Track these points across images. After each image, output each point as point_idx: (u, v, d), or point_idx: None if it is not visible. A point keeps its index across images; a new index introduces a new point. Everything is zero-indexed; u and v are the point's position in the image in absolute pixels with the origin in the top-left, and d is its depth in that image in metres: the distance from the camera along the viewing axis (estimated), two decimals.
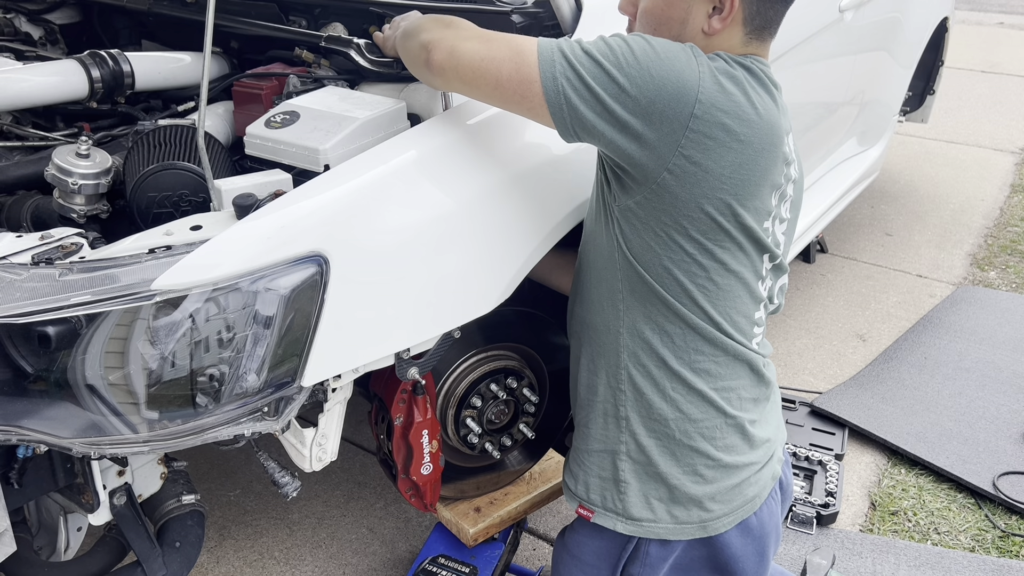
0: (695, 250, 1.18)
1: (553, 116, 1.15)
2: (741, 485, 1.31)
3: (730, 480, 1.30)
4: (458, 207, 1.28)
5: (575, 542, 1.42)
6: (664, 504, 1.30)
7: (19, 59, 1.82)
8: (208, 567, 2.00)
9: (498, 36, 1.18)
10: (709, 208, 1.15)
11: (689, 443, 1.28)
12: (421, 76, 1.29)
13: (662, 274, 1.21)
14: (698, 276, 1.20)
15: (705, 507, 1.30)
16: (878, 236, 3.87)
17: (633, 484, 1.32)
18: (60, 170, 1.32)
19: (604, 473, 1.35)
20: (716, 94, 1.11)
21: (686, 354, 1.25)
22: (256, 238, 1.13)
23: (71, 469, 1.31)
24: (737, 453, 1.30)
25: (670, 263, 1.20)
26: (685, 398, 1.27)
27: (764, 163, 1.17)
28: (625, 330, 1.28)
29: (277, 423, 1.18)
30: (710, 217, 1.16)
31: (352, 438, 2.43)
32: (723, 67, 1.14)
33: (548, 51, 1.13)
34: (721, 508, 1.30)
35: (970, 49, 7.63)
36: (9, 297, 1.09)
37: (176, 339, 1.08)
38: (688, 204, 1.15)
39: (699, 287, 1.21)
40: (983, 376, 2.74)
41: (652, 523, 1.31)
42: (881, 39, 3.02)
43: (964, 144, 5.16)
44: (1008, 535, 2.13)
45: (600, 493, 1.36)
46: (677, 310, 1.22)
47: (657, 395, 1.27)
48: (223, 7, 1.79)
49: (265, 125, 1.36)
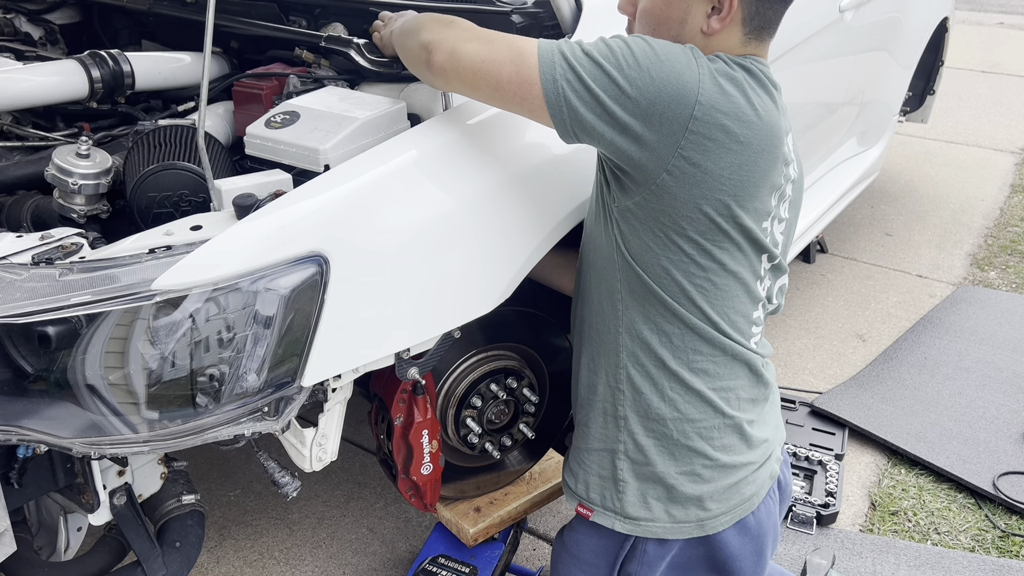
0: (693, 250, 1.19)
1: (553, 117, 1.15)
2: (739, 484, 1.31)
3: (727, 480, 1.30)
4: (458, 207, 1.28)
5: (573, 540, 1.43)
6: (662, 503, 1.31)
7: (19, 59, 1.82)
8: (208, 567, 2.00)
9: (499, 37, 1.18)
10: (708, 209, 1.15)
11: (687, 443, 1.28)
12: (421, 76, 1.29)
13: (660, 274, 1.21)
14: (696, 276, 1.21)
15: (703, 506, 1.30)
16: (878, 236, 3.88)
17: (631, 483, 1.32)
18: (60, 170, 1.32)
19: (603, 472, 1.36)
20: (716, 96, 1.11)
21: (684, 354, 1.26)
22: (256, 238, 1.13)
23: (71, 469, 1.31)
24: (735, 453, 1.31)
25: (668, 263, 1.20)
26: (683, 398, 1.27)
27: (764, 164, 1.17)
28: (624, 330, 1.28)
29: (277, 423, 1.18)
30: (709, 218, 1.16)
31: (352, 438, 2.43)
32: (723, 68, 1.15)
33: (548, 53, 1.13)
34: (719, 507, 1.30)
35: (970, 49, 7.63)
36: (9, 297, 1.09)
37: (176, 339, 1.08)
38: (687, 205, 1.15)
39: (697, 287, 1.21)
40: (983, 376, 2.74)
41: (650, 522, 1.31)
42: (881, 39, 3.02)
43: (964, 144, 5.16)
44: (1008, 535, 2.13)
45: (599, 492, 1.36)
46: (675, 310, 1.23)
47: (655, 395, 1.28)
48: (223, 7, 1.79)
49: (265, 125, 1.36)
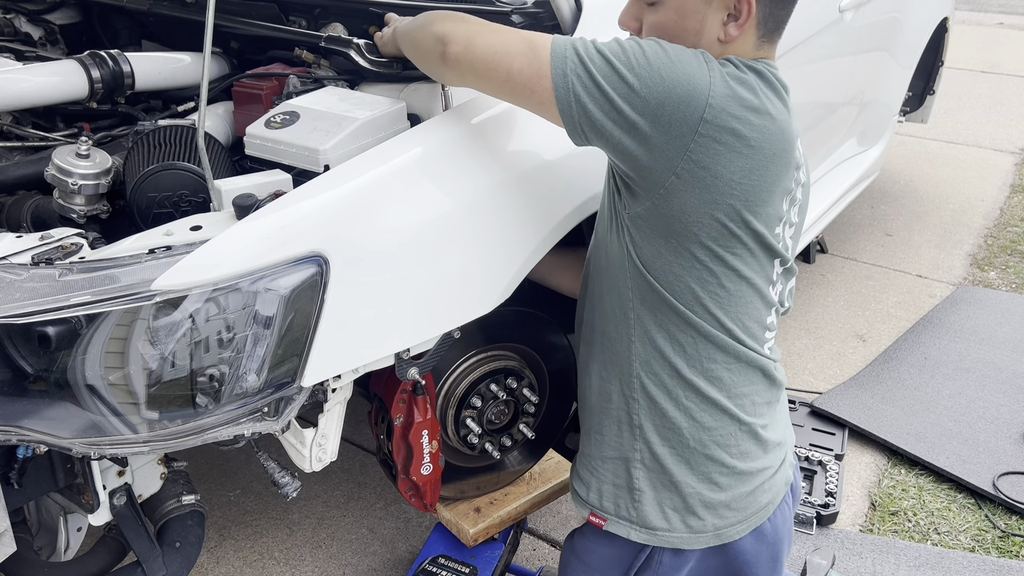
0: (706, 257, 1.17)
1: (562, 113, 1.14)
2: (755, 492, 1.30)
3: (745, 487, 1.28)
4: (458, 207, 1.28)
5: (584, 547, 1.40)
6: (679, 513, 1.29)
7: (19, 59, 1.82)
8: (208, 567, 2.00)
9: (514, 30, 1.17)
10: (719, 214, 1.14)
11: (704, 451, 1.27)
12: (431, 68, 1.28)
13: (673, 282, 1.20)
14: (709, 283, 1.19)
15: (720, 515, 1.28)
16: (878, 236, 3.88)
17: (648, 492, 1.30)
18: (60, 170, 1.32)
19: (618, 480, 1.33)
20: (727, 99, 1.10)
21: (699, 363, 1.24)
22: (256, 238, 1.13)
23: (71, 469, 1.31)
24: (751, 459, 1.29)
25: (681, 270, 1.18)
26: (699, 407, 1.25)
27: (775, 169, 1.15)
28: (637, 339, 1.26)
29: (277, 423, 1.18)
30: (721, 224, 1.14)
31: (352, 438, 2.43)
32: (734, 72, 1.13)
33: (561, 47, 1.12)
34: (736, 516, 1.29)
35: (970, 49, 7.63)
36: (9, 297, 1.09)
37: (176, 339, 1.08)
38: (698, 210, 1.13)
39: (711, 294, 1.20)
40: (983, 376, 2.74)
41: (667, 532, 1.29)
42: (881, 39, 3.02)
43: (964, 144, 5.16)
44: (1008, 535, 2.13)
45: (613, 501, 1.33)
46: (689, 319, 1.21)
47: (670, 404, 1.26)
48: (223, 7, 1.78)
49: (265, 125, 1.36)
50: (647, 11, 1.21)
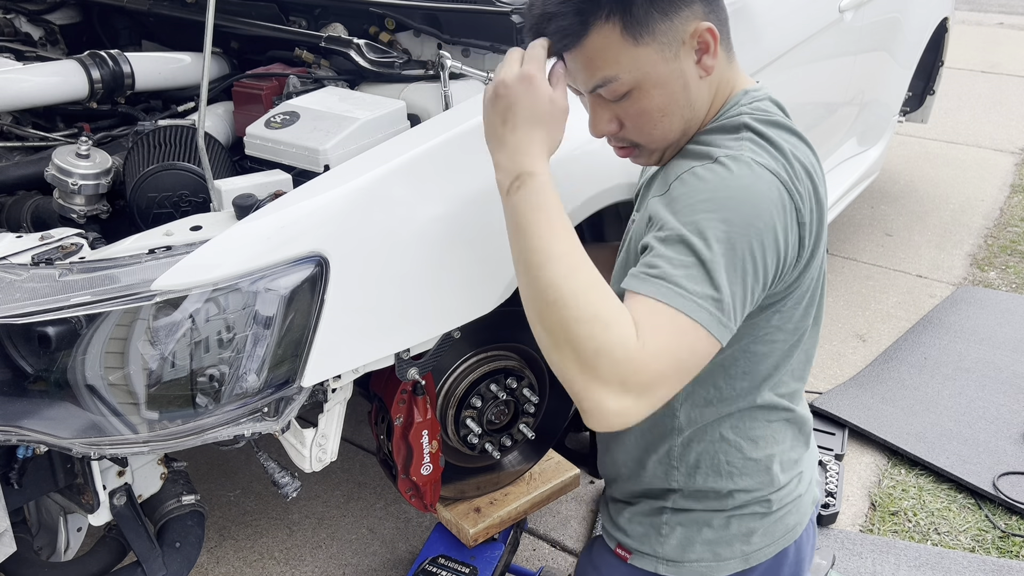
0: (779, 321, 1.15)
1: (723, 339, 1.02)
2: (784, 517, 1.28)
3: (775, 515, 1.27)
4: (458, 207, 1.28)
5: (605, 563, 1.35)
6: (708, 546, 1.27)
7: (19, 59, 1.82)
8: (208, 567, 2.00)
9: (664, 326, 0.97)
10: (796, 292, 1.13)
11: (739, 509, 1.25)
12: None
13: (737, 355, 1.16)
14: (776, 343, 1.16)
15: (748, 541, 1.26)
16: (878, 236, 3.88)
17: (677, 531, 1.27)
18: (60, 170, 1.32)
19: (645, 520, 1.30)
20: (797, 207, 1.04)
21: (743, 432, 1.22)
22: (256, 238, 1.13)
23: (71, 469, 1.31)
24: (787, 499, 1.28)
25: (751, 341, 1.15)
26: (740, 471, 1.23)
27: (824, 219, 1.13)
28: (682, 413, 1.22)
29: (277, 423, 1.18)
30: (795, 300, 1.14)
31: (352, 438, 2.43)
32: (776, 167, 1.04)
33: (693, 310, 0.97)
34: (763, 540, 1.27)
35: (970, 49, 7.63)
36: (9, 297, 1.09)
37: (176, 339, 1.08)
38: (782, 293, 1.12)
39: (771, 358, 1.18)
40: (983, 376, 2.74)
41: (694, 562, 1.27)
42: (881, 39, 3.02)
43: (964, 144, 5.16)
44: (1008, 535, 2.13)
45: (639, 539, 1.30)
46: (738, 388, 1.19)
47: (712, 472, 1.24)
48: (223, 7, 1.79)
49: (265, 125, 1.36)
50: (619, 107, 1.10)
